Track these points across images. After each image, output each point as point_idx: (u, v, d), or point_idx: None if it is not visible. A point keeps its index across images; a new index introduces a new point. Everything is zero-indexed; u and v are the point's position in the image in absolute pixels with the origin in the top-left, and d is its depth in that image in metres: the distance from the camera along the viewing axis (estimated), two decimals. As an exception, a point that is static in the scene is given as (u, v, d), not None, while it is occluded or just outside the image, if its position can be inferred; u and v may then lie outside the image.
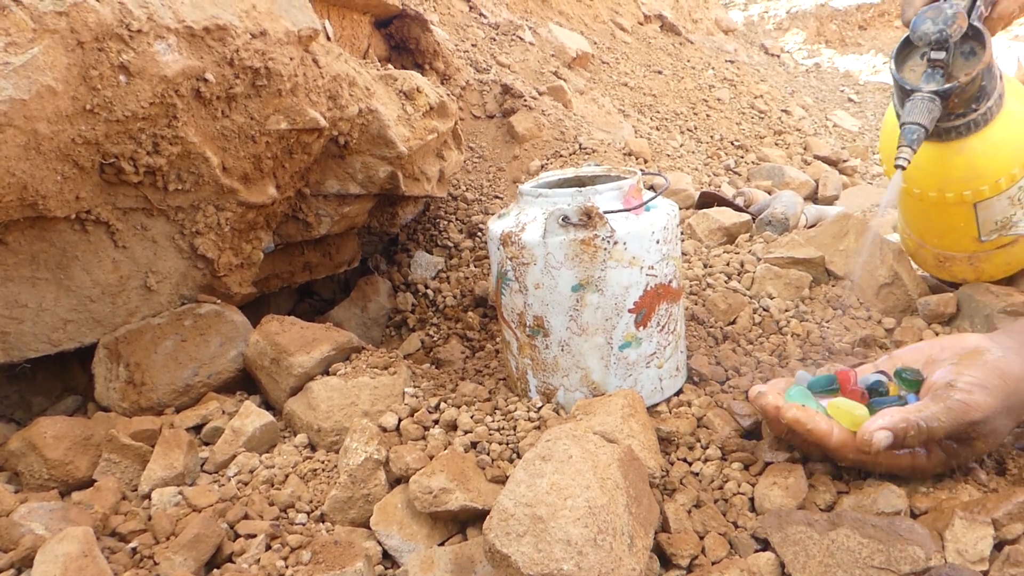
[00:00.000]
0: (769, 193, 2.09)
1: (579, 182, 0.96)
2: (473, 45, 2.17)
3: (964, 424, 0.70)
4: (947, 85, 0.87)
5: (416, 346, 1.25)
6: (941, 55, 0.88)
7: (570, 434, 0.68)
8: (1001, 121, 0.94)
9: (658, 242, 0.84)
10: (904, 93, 0.91)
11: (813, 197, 2.29)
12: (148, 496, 0.80)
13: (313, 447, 0.88)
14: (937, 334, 1.07)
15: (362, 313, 1.37)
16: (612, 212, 0.83)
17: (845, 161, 2.68)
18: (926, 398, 0.74)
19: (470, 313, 1.28)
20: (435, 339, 1.25)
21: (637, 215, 0.84)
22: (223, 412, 0.93)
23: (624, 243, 0.82)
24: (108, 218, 0.90)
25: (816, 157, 2.62)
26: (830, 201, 2.26)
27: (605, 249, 0.81)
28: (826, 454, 0.76)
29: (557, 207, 0.83)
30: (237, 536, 0.74)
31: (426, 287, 1.40)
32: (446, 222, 1.56)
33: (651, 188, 1.47)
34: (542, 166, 1.77)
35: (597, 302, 0.83)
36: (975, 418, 0.70)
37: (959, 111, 0.91)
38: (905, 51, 0.94)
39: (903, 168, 0.86)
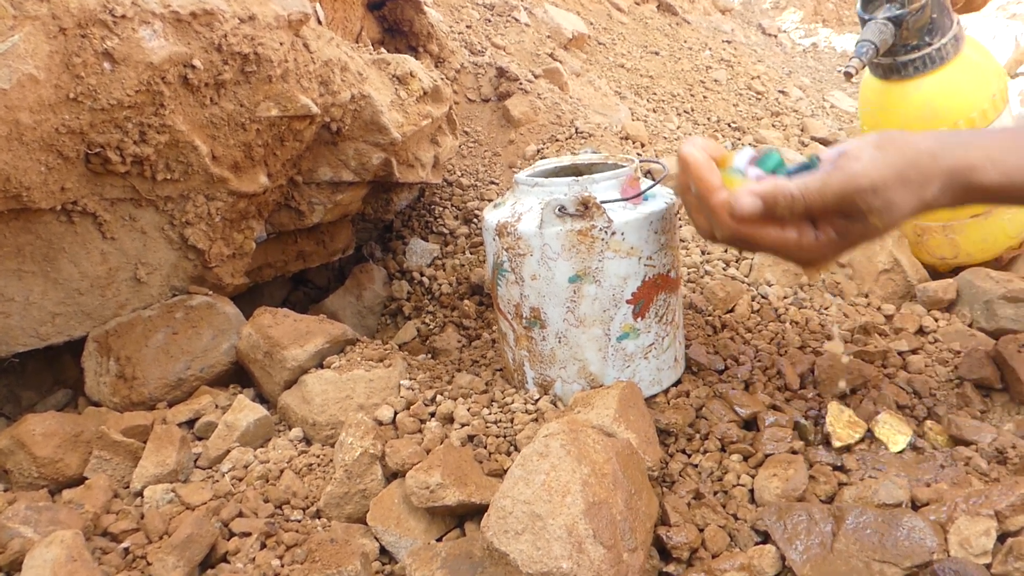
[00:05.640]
0: (767, 176, 2.07)
1: (576, 170, 0.94)
2: (468, 27, 2.14)
3: (850, 192, 0.61)
4: (898, 12, 1.00)
5: (412, 335, 1.24)
6: None
7: (567, 429, 0.67)
8: (958, 64, 1.04)
9: (656, 232, 0.82)
10: (863, 23, 1.04)
11: (811, 180, 2.27)
12: (140, 494, 0.79)
13: (308, 441, 0.87)
14: (936, 320, 1.06)
15: (357, 301, 1.35)
16: (609, 202, 0.81)
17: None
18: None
19: (466, 301, 1.27)
20: (431, 327, 1.24)
21: (635, 204, 0.82)
22: (216, 406, 0.91)
23: (622, 233, 0.80)
24: (95, 209, 0.88)
25: (813, 139, 2.59)
26: (828, 184, 2.24)
27: (603, 240, 0.80)
28: (711, 223, 0.69)
29: (554, 197, 0.81)
30: (232, 535, 0.73)
31: (421, 275, 1.38)
32: (441, 208, 1.54)
33: (648, 174, 1.45)
34: (538, 151, 1.75)
35: (595, 293, 0.82)
36: (862, 184, 0.61)
37: (912, 42, 1.03)
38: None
39: (850, 76, 0.97)
